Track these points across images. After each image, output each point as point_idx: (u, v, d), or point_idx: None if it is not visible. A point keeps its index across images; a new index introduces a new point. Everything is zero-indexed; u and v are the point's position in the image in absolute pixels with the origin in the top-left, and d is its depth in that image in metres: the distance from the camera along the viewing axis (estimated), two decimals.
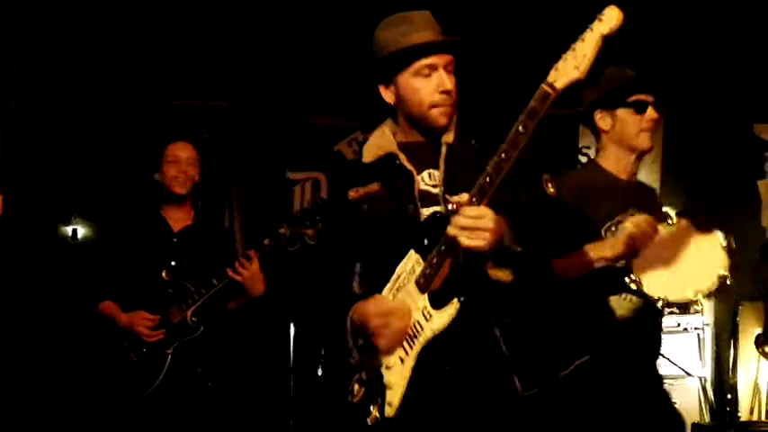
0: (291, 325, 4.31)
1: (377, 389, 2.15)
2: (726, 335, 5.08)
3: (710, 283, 2.61)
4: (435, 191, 2.19)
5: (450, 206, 2.06)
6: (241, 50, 4.85)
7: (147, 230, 3.61)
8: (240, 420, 4.35)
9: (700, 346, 4.99)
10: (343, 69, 4.80)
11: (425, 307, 2.10)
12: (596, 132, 2.87)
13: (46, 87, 4.72)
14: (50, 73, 4.72)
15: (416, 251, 2.14)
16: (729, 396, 4.96)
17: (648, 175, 5.13)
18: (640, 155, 2.81)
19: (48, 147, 4.77)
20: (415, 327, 2.11)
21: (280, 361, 4.36)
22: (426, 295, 2.10)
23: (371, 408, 2.14)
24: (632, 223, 2.56)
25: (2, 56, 4.44)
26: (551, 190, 2.24)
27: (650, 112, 2.73)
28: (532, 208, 2.17)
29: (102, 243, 3.78)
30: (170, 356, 3.43)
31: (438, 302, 2.08)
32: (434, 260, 2.08)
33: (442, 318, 2.06)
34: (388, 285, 2.19)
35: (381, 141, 2.31)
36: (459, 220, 1.98)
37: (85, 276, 3.64)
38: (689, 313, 4.87)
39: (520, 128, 1.95)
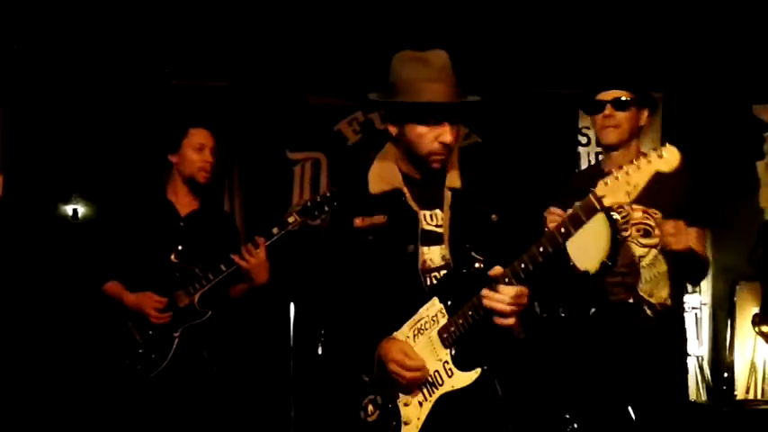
0: (291, 305, 4.32)
1: (393, 418, 2.36)
2: (723, 314, 5.11)
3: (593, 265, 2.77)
4: (439, 231, 2.37)
5: (478, 264, 2.28)
6: (240, 30, 4.82)
7: (153, 213, 3.59)
8: (241, 401, 4.37)
9: (697, 325, 5.03)
10: (343, 49, 4.80)
11: (448, 362, 2.29)
12: None
13: (45, 66, 4.69)
14: (50, 52, 4.69)
15: (440, 301, 2.32)
16: (726, 375, 5.00)
17: None
18: (608, 149, 3.00)
19: (47, 126, 4.74)
20: (435, 376, 2.31)
21: (280, 341, 4.37)
22: (449, 351, 2.29)
23: None
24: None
25: (1, 36, 4.43)
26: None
27: (607, 110, 2.94)
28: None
29: (105, 223, 3.75)
30: (177, 340, 3.44)
31: (460, 358, 2.29)
32: (461, 321, 2.27)
33: (465, 380, 2.27)
34: (409, 323, 2.36)
35: (388, 174, 2.44)
36: (501, 297, 2.18)
37: (89, 256, 3.62)
38: (687, 293, 4.91)
39: (562, 229, 2.13)
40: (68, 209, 4.92)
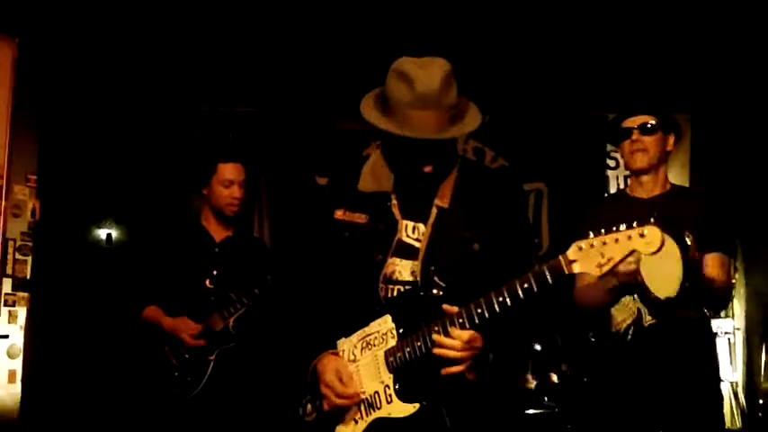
0: None
1: (328, 425, 2.27)
2: (757, 339, 5.02)
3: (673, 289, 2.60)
4: (417, 245, 2.24)
5: (435, 291, 2.18)
6: (269, 56, 4.89)
7: (188, 239, 3.64)
8: (275, 425, 4.37)
9: (730, 351, 4.96)
10: (370, 73, 4.85)
11: (389, 387, 2.19)
12: None
13: (82, 93, 4.79)
14: (86, 79, 4.79)
15: (393, 320, 2.21)
16: (761, 401, 4.90)
17: (677, 179, 5.12)
18: (638, 173, 3.00)
19: (83, 153, 4.82)
20: (374, 397, 2.21)
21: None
22: (392, 376, 2.19)
23: None
24: None
25: (39, 63, 4.55)
26: None
27: (634, 135, 2.95)
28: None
29: (141, 248, 3.81)
30: (212, 363, 3.47)
31: (402, 388, 2.17)
32: (408, 349, 2.16)
33: (403, 410, 2.16)
34: (359, 334, 2.27)
35: (380, 175, 2.33)
36: (453, 343, 2.07)
37: (128, 281, 3.67)
38: (719, 317, 4.84)
39: (525, 285, 2.00)
40: (102, 233, 4.99)
